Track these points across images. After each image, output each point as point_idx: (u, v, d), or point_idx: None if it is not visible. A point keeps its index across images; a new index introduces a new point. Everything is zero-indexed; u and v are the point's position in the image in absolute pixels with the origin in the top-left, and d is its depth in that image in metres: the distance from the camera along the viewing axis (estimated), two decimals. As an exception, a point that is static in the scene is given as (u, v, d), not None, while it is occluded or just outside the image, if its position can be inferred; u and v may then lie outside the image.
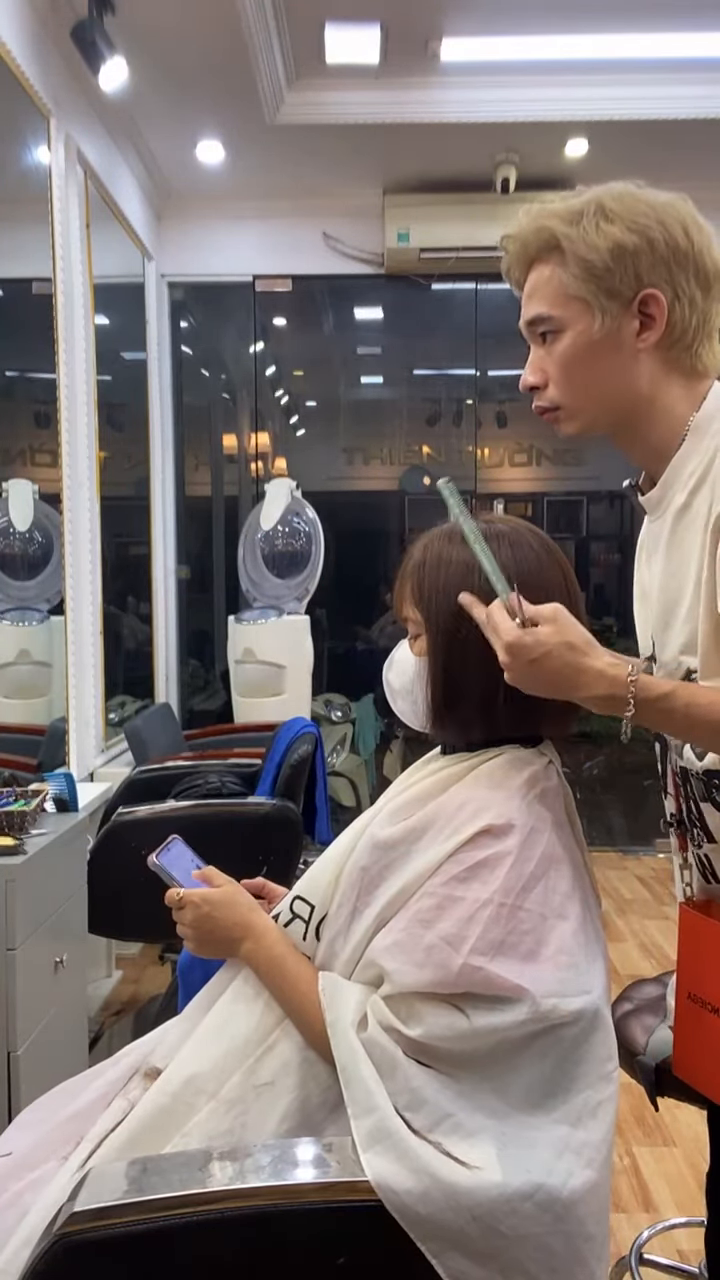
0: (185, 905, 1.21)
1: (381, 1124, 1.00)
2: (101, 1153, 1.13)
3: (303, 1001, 1.12)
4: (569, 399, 1.22)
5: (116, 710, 4.06)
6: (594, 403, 1.22)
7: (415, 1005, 1.04)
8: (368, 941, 1.11)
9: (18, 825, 2.15)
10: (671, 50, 3.67)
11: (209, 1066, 1.12)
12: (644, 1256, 1.99)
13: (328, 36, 3.54)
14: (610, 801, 5.17)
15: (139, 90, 3.48)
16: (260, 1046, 1.13)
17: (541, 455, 7.16)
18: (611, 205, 1.17)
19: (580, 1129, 1.03)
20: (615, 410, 1.22)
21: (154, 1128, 1.11)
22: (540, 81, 3.86)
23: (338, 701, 5.22)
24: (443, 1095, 1.02)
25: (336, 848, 1.21)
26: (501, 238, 1.27)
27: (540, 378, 1.23)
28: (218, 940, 1.20)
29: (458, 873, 1.07)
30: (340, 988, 1.10)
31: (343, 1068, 1.05)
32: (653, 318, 1.18)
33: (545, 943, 1.05)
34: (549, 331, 1.22)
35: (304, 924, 1.18)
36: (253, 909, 1.21)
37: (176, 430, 5.05)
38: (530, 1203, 0.99)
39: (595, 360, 1.19)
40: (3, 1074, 2.02)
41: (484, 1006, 1.02)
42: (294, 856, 2.86)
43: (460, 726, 1.19)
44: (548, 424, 1.25)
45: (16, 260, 3.24)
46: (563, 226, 1.18)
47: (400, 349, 6.61)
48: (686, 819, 1.23)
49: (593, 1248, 1.03)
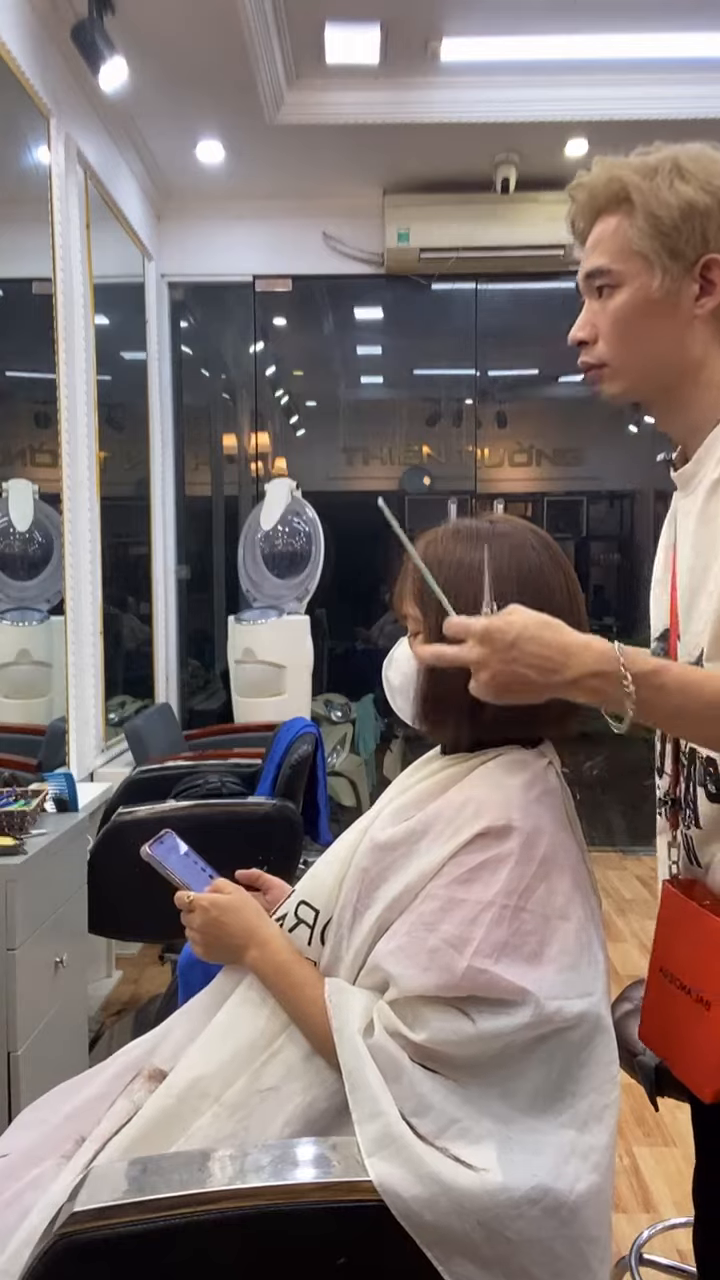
0: (195, 909, 1.21)
1: (387, 1130, 1.00)
2: (106, 1154, 1.13)
3: (308, 1007, 1.12)
4: (617, 357, 1.20)
5: (116, 710, 4.06)
6: (641, 364, 1.20)
7: (420, 1010, 1.04)
8: (370, 944, 1.11)
9: (18, 825, 2.15)
10: (671, 50, 3.67)
11: (214, 1070, 1.12)
12: (644, 1256, 1.99)
13: (328, 36, 3.54)
14: (610, 801, 5.17)
15: (139, 90, 3.47)
16: (265, 1052, 1.12)
17: (541, 455, 7.16)
18: (688, 164, 1.15)
19: (586, 1133, 1.03)
20: (660, 375, 1.20)
21: (158, 1131, 1.11)
22: (540, 81, 3.86)
23: (338, 701, 5.22)
24: (449, 1101, 1.02)
25: (338, 851, 1.21)
26: (570, 186, 1.22)
27: (590, 333, 1.21)
28: (224, 945, 1.20)
29: (459, 874, 1.07)
30: (346, 994, 1.10)
31: (348, 1073, 1.05)
32: (714, 284, 1.16)
33: (548, 944, 1.05)
34: (606, 286, 1.19)
35: (309, 929, 1.18)
36: (259, 915, 1.21)
37: (176, 430, 5.05)
38: (537, 1208, 0.98)
39: (649, 320, 1.17)
40: (3, 1074, 2.02)
41: (488, 1010, 1.02)
42: (294, 856, 2.85)
43: (446, 727, 1.19)
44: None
45: (16, 260, 3.24)
46: (636, 179, 1.16)
47: (400, 349, 6.61)
48: (682, 799, 1.23)
49: (596, 1250, 1.03)
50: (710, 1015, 1.13)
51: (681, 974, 1.17)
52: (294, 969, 1.15)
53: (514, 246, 4.66)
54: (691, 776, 1.20)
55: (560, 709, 1.12)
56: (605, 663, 0.99)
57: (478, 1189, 0.97)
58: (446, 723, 1.18)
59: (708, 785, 1.17)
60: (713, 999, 1.13)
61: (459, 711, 1.14)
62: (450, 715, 1.17)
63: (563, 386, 7.12)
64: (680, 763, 1.24)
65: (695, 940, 1.16)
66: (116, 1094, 1.21)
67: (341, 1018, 1.07)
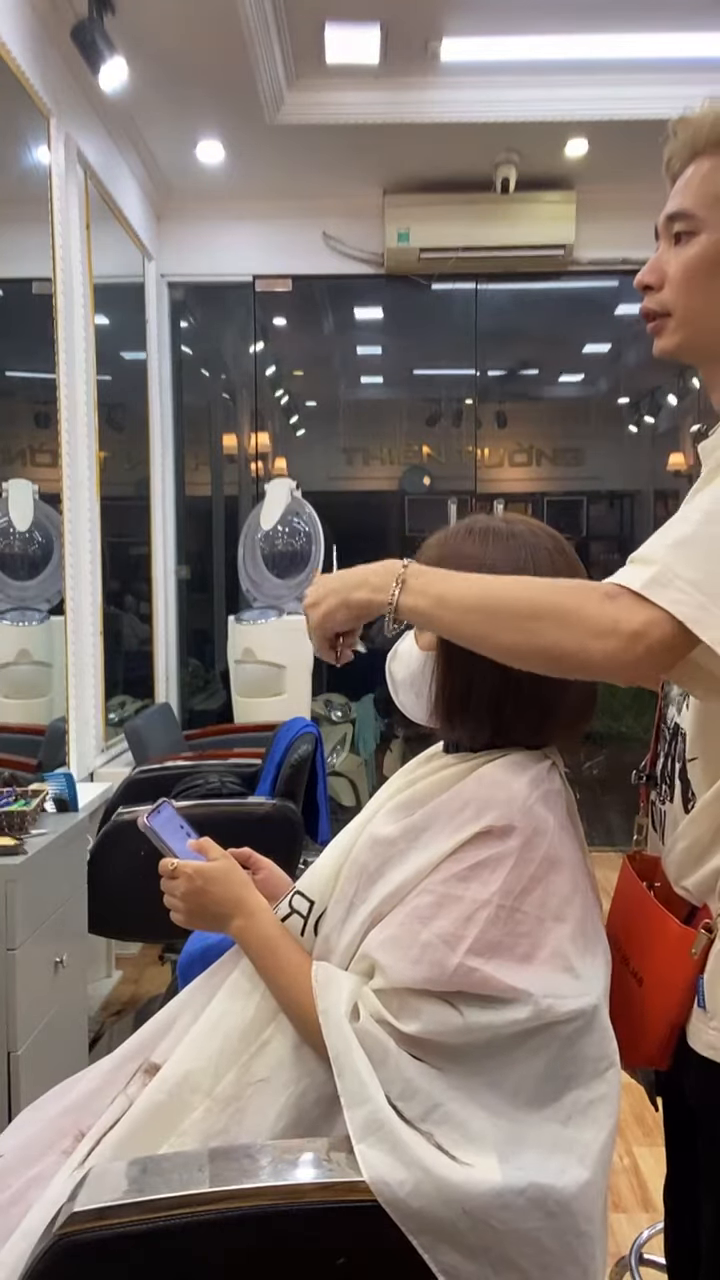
0: (178, 875, 1.20)
1: (374, 1115, 1.01)
2: (99, 1150, 1.13)
3: (292, 986, 1.12)
4: (681, 307, 1.16)
5: (116, 710, 4.06)
6: (704, 317, 1.15)
7: (409, 1000, 1.04)
8: (363, 936, 1.11)
9: (18, 825, 2.15)
10: (671, 50, 3.67)
11: (204, 1063, 1.12)
12: (644, 1256, 1.99)
13: (328, 36, 3.54)
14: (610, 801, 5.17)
15: (139, 90, 3.48)
16: (255, 1042, 1.12)
17: (541, 455, 7.16)
18: None
19: (571, 1126, 1.04)
20: (718, 335, 1.16)
21: (151, 1125, 1.11)
22: (540, 81, 3.85)
23: (338, 701, 5.22)
24: (435, 1085, 1.02)
25: (337, 845, 1.21)
26: (673, 121, 1.19)
27: (657, 278, 1.17)
28: (209, 914, 1.19)
29: (458, 871, 1.07)
30: (334, 977, 1.10)
31: (335, 1056, 1.04)
32: None
33: (542, 945, 1.05)
34: (684, 232, 1.15)
35: (302, 919, 1.18)
36: (246, 885, 1.21)
37: (176, 430, 5.05)
38: (522, 1198, 0.99)
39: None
40: (3, 1074, 2.03)
41: (477, 1004, 1.02)
42: (294, 856, 2.85)
43: (470, 727, 1.18)
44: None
45: (16, 260, 3.24)
46: None
47: (400, 349, 6.61)
48: (660, 774, 1.24)
49: (585, 1245, 1.03)
50: (641, 991, 1.15)
51: (626, 948, 1.19)
52: (280, 945, 1.15)
53: (514, 246, 4.66)
54: (674, 754, 1.20)
55: (572, 710, 1.14)
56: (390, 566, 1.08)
57: (462, 1178, 0.98)
58: (468, 722, 1.18)
59: (681, 762, 1.17)
60: (645, 977, 1.15)
61: (482, 710, 1.15)
62: (472, 714, 1.16)
63: (563, 386, 7.13)
64: (663, 738, 1.24)
65: (638, 918, 1.19)
66: (114, 1088, 1.21)
67: (328, 999, 1.07)
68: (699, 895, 1.13)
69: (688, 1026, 1.13)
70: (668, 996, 1.13)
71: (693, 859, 1.14)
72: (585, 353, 6.70)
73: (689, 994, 1.12)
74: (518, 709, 1.13)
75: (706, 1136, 1.16)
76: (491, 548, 1.16)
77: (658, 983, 1.14)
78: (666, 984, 1.13)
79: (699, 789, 1.14)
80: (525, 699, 1.12)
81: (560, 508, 7.24)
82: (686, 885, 1.15)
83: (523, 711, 1.13)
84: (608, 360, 6.63)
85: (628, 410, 6.88)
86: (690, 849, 1.14)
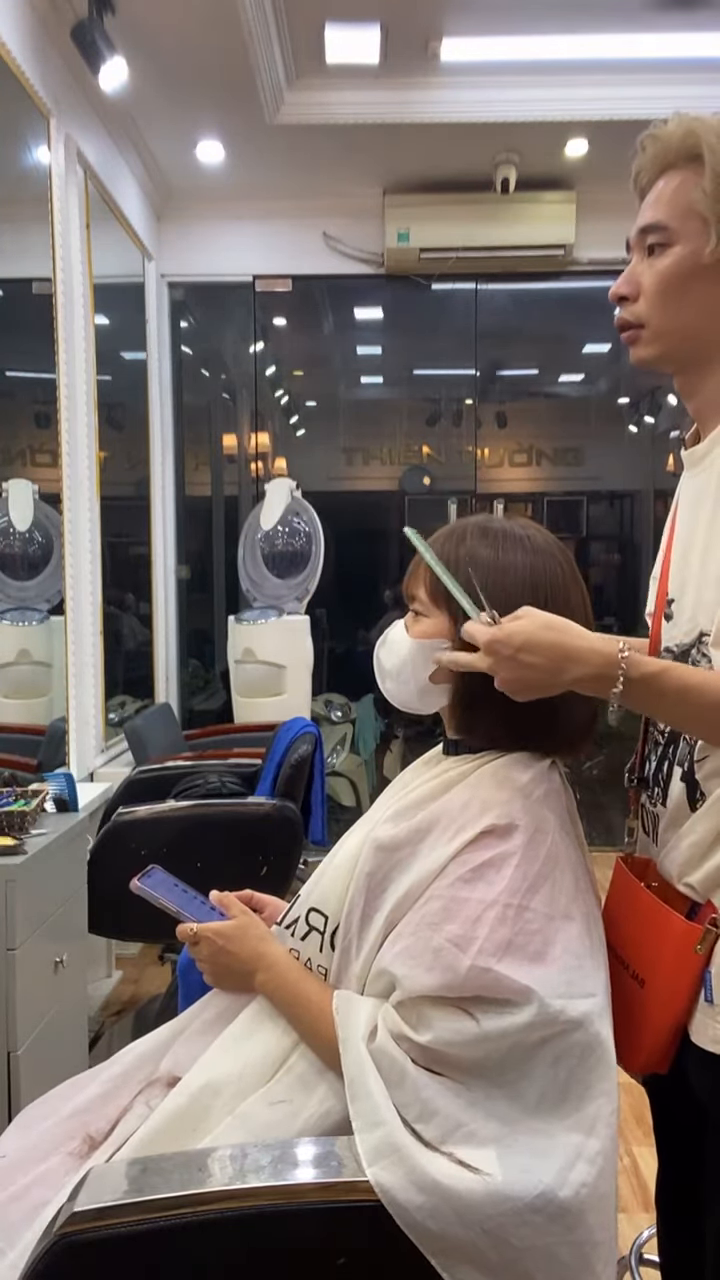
0: (200, 941, 1.22)
1: (388, 1138, 1.00)
2: (121, 1155, 1.13)
3: (316, 1023, 1.11)
4: (656, 318, 1.18)
5: (116, 710, 4.06)
6: (679, 328, 1.17)
7: (424, 1010, 1.03)
8: (380, 941, 1.11)
9: (18, 825, 2.15)
10: (671, 50, 3.67)
11: (227, 1080, 1.12)
12: (644, 1256, 1.99)
13: (328, 36, 3.54)
14: (610, 802, 5.16)
15: (139, 90, 3.47)
16: (280, 1067, 1.12)
17: (541, 455, 7.16)
18: None
19: (594, 1137, 1.03)
20: (696, 345, 1.18)
21: (171, 1130, 1.11)
22: (540, 81, 3.85)
23: (338, 701, 5.22)
24: (454, 1105, 1.01)
25: (344, 856, 1.20)
26: (641, 136, 1.20)
27: (632, 289, 1.19)
28: (233, 973, 1.20)
29: (463, 874, 1.07)
30: (353, 1004, 1.10)
31: (350, 1082, 1.04)
32: None
33: (552, 943, 1.05)
34: (658, 244, 1.17)
35: (320, 935, 1.18)
36: (264, 939, 1.21)
37: (176, 430, 5.05)
38: (541, 1215, 0.98)
39: (695, 284, 1.15)
40: (3, 1074, 2.03)
41: (493, 1010, 1.02)
42: (294, 856, 2.85)
43: (478, 727, 1.18)
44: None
45: (16, 260, 3.24)
46: (713, 138, 1.13)
47: (400, 349, 6.61)
48: (651, 777, 1.24)
49: (600, 1254, 1.03)
50: (643, 993, 1.15)
51: (623, 951, 1.18)
52: (301, 987, 1.15)
53: (514, 246, 4.66)
54: (668, 755, 1.20)
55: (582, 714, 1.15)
56: (605, 667, 1.04)
57: (480, 1196, 0.97)
58: (481, 722, 1.18)
59: (684, 764, 1.17)
60: (647, 977, 1.15)
61: (494, 711, 1.14)
62: (483, 715, 1.16)
63: (563, 386, 7.12)
64: (654, 741, 1.24)
65: (636, 919, 1.18)
66: (123, 1092, 1.21)
67: (347, 1028, 1.07)
68: (704, 891, 1.13)
69: (691, 1024, 1.13)
70: (673, 996, 1.12)
71: (699, 854, 1.14)
72: (585, 353, 6.70)
73: (695, 992, 1.11)
74: (525, 710, 1.12)
75: (717, 1132, 1.15)
76: (503, 551, 1.17)
77: (662, 982, 1.14)
78: (672, 983, 1.12)
79: (709, 787, 1.14)
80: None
81: (560, 508, 7.24)
82: (691, 881, 1.14)
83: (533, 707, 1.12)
84: (608, 360, 6.63)
85: (628, 410, 6.88)
86: (697, 844, 1.14)
